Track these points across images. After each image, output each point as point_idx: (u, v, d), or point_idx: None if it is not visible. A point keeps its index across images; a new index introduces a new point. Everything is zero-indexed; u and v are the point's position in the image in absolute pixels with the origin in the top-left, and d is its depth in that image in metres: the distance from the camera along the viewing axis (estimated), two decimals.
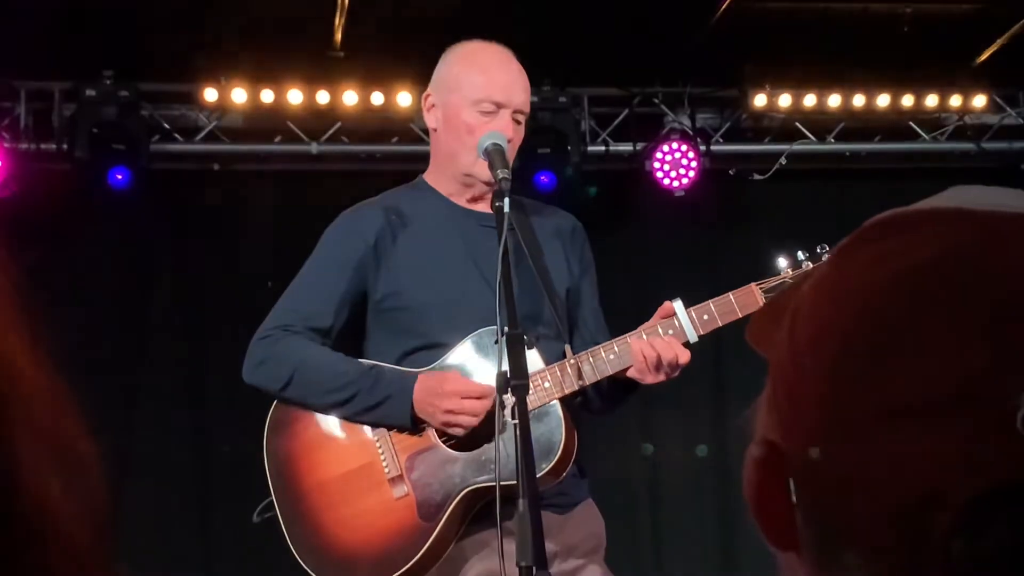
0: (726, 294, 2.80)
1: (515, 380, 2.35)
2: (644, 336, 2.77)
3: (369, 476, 2.84)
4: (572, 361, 2.77)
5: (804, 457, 0.70)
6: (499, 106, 2.91)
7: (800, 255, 2.86)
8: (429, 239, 2.95)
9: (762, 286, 2.82)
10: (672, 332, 2.75)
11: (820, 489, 0.69)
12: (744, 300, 2.79)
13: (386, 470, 2.84)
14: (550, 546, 2.80)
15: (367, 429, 2.87)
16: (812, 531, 0.71)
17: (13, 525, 0.62)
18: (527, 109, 3.01)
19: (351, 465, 2.86)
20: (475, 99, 2.90)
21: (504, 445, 2.52)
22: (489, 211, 2.69)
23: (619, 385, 2.84)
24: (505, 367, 2.39)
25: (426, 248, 2.94)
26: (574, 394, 2.81)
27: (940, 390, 0.65)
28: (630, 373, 2.76)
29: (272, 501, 2.87)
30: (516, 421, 2.32)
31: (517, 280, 2.58)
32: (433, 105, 2.99)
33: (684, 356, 2.72)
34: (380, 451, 2.85)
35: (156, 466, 5.88)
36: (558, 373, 2.76)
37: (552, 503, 2.84)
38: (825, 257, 2.83)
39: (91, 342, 5.90)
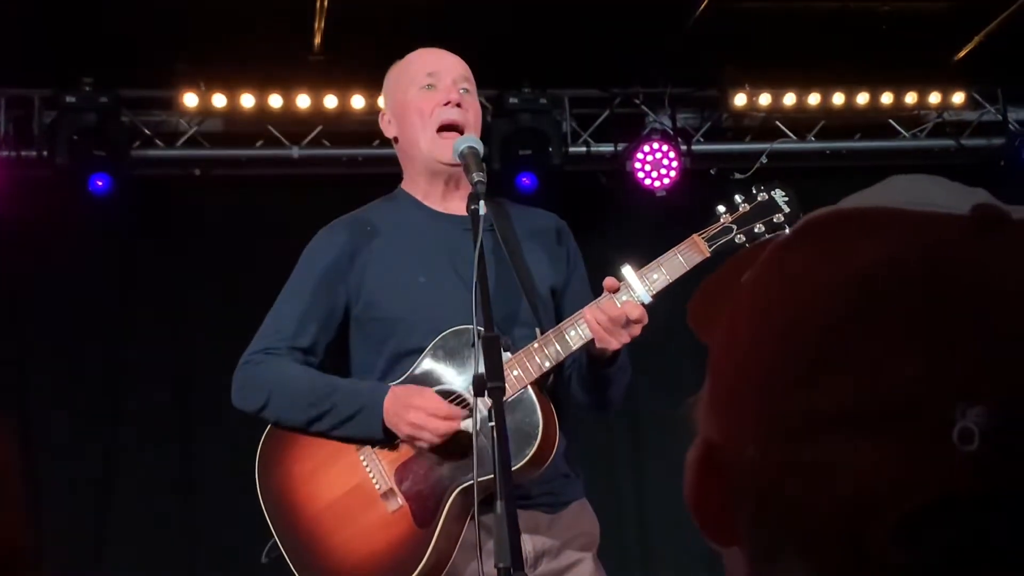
0: (671, 250, 2.80)
1: (492, 383, 2.35)
2: (596, 304, 2.76)
3: (362, 495, 2.86)
4: (536, 345, 2.77)
5: (742, 458, 0.69)
6: (435, 76, 2.99)
7: (738, 198, 2.87)
8: (405, 247, 2.97)
9: (704, 235, 2.82)
10: (627, 297, 2.75)
11: (759, 493, 0.69)
12: (689, 253, 2.79)
13: (377, 486, 2.85)
14: (538, 544, 2.82)
15: (353, 450, 2.88)
16: (751, 532, 0.71)
17: None
18: (471, 81, 3.05)
19: (343, 488, 2.88)
20: (413, 82, 3.00)
21: (485, 447, 2.52)
22: (465, 213, 2.70)
23: (598, 361, 2.84)
24: (481, 370, 2.39)
25: (402, 256, 2.96)
26: (545, 376, 2.80)
27: (873, 400, 0.64)
28: (596, 344, 2.75)
29: (276, 540, 2.90)
30: (492, 423, 2.32)
31: (495, 281, 2.57)
32: (388, 120, 3.08)
33: (633, 311, 2.70)
34: (368, 469, 2.86)
35: (140, 474, 5.86)
36: (525, 360, 2.76)
37: (541, 502, 2.85)
38: (761, 196, 2.86)
39: (72, 349, 5.89)
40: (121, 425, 5.92)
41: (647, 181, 6.21)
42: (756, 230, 2.84)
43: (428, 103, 2.95)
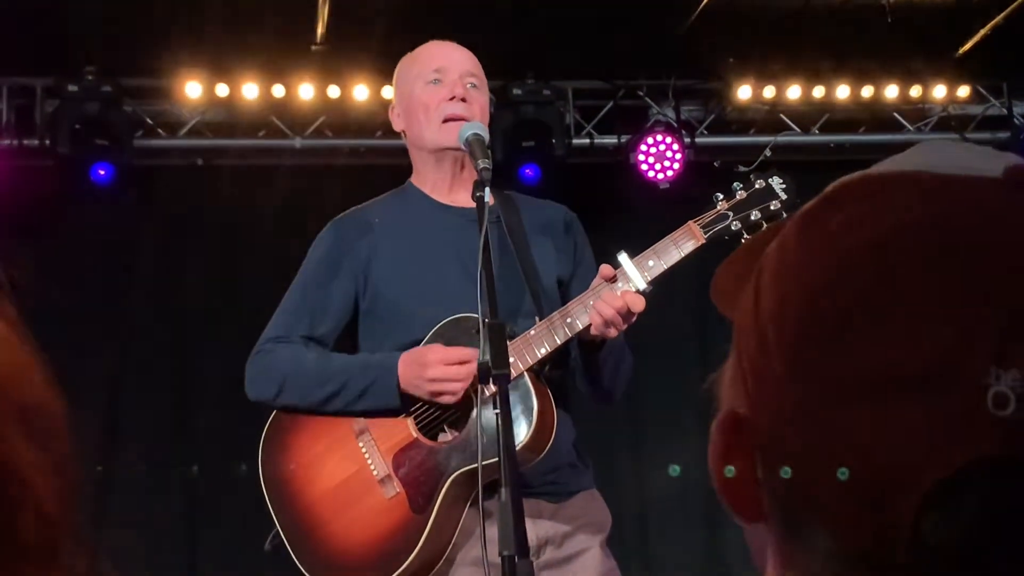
0: (666, 237, 2.80)
1: (496, 370, 2.35)
2: (595, 293, 2.76)
3: (360, 482, 2.88)
4: (533, 332, 2.78)
5: (769, 431, 0.68)
6: (441, 71, 3.00)
7: (735, 185, 2.86)
8: (412, 240, 2.99)
9: (699, 222, 2.81)
10: (623, 284, 2.75)
11: (785, 464, 0.67)
12: (684, 240, 2.79)
13: (374, 472, 2.87)
14: (540, 532, 2.81)
15: (353, 437, 2.90)
16: (778, 506, 0.69)
17: None
18: (479, 76, 3.05)
19: (342, 475, 2.90)
20: (420, 76, 3.01)
21: (485, 432, 2.51)
22: (472, 205, 2.70)
23: (590, 347, 2.83)
24: (487, 357, 2.39)
25: (409, 249, 2.98)
26: (542, 363, 2.80)
27: (906, 367, 0.63)
28: (592, 331, 2.76)
29: (278, 528, 2.92)
30: (498, 410, 2.31)
31: (499, 272, 2.58)
32: (397, 113, 3.10)
33: (635, 303, 2.71)
34: (366, 456, 2.88)
35: (140, 464, 5.86)
36: (522, 348, 2.76)
37: (544, 491, 2.85)
38: (758, 183, 2.83)
39: (73, 338, 5.88)
40: (120, 415, 5.91)
41: (650, 173, 6.20)
42: (752, 217, 2.83)
43: (434, 98, 2.97)
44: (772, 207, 2.85)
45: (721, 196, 2.86)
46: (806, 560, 0.68)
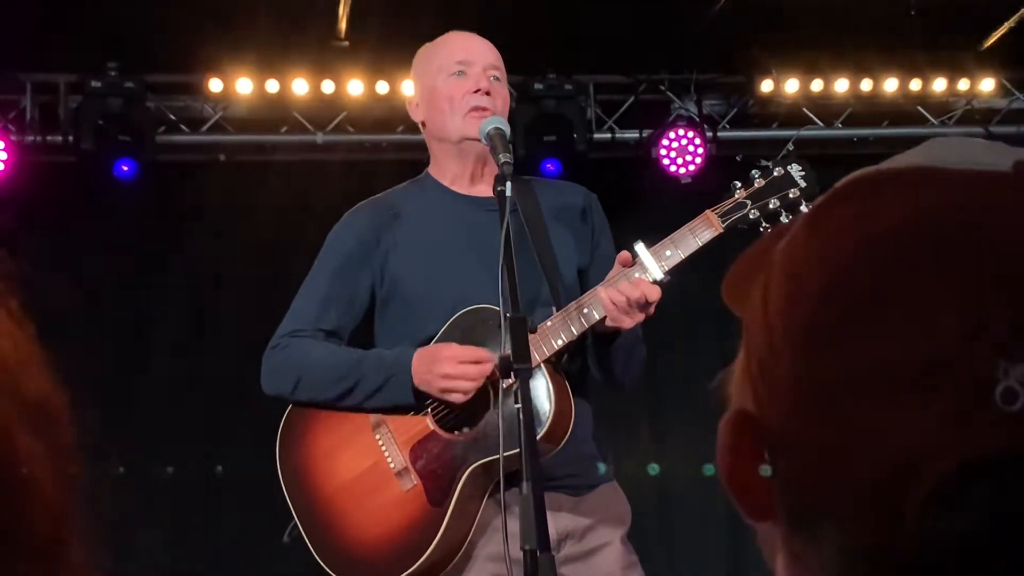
0: (684, 226, 2.77)
1: (518, 364, 2.34)
2: (612, 284, 2.75)
3: (377, 475, 2.87)
4: (550, 323, 2.77)
5: (777, 429, 0.68)
6: (465, 64, 2.98)
7: (754, 173, 2.84)
8: (430, 231, 2.98)
9: (717, 210, 2.79)
10: (639, 274, 2.73)
11: (793, 460, 0.68)
12: (702, 229, 2.76)
13: (392, 465, 2.86)
14: (560, 526, 2.80)
15: (369, 429, 2.90)
16: (786, 502, 0.69)
17: None
18: (501, 68, 3.04)
19: (360, 468, 2.90)
20: (443, 69, 2.99)
21: (504, 425, 2.51)
22: (491, 195, 2.69)
23: (604, 338, 2.82)
24: (508, 351, 2.38)
25: (426, 240, 2.96)
26: (558, 355, 2.79)
27: (912, 360, 0.62)
28: (608, 322, 2.74)
29: (296, 521, 2.92)
30: (519, 405, 2.31)
31: (517, 263, 2.57)
32: (416, 104, 3.08)
33: (652, 293, 2.69)
34: (383, 448, 2.88)
35: (163, 458, 5.89)
36: (538, 339, 2.74)
37: (565, 484, 2.84)
38: (776, 171, 2.82)
39: (93, 333, 5.91)
40: (143, 410, 5.93)
41: (672, 168, 6.18)
42: (771, 206, 2.81)
43: (458, 90, 2.95)
44: (791, 195, 2.82)
45: (739, 184, 2.83)
46: (815, 557, 0.68)
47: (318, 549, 2.88)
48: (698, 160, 6.16)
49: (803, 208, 2.83)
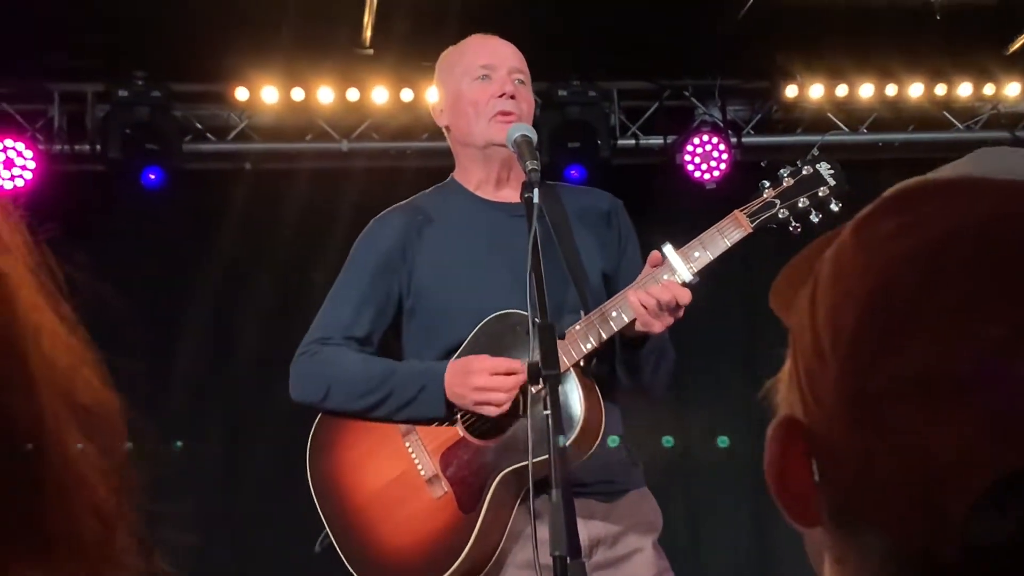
0: (712, 227, 2.75)
1: (547, 370, 2.34)
2: (641, 287, 2.72)
3: (407, 482, 2.86)
4: (579, 328, 2.75)
5: (825, 435, 0.68)
6: (490, 68, 2.97)
7: (781, 172, 2.82)
8: (456, 237, 2.97)
9: (746, 211, 2.77)
10: (667, 276, 2.71)
11: (841, 467, 0.68)
12: (731, 229, 2.74)
13: (422, 473, 2.85)
14: (593, 532, 2.79)
15: (399, 437, 2.89)
16: (833, 508, 0.70)
17: (42, 480, 0.62)
18: (525, 72, 3.03)
19: (390, 476, 2.88)
20: (468, 73, 2.99)
21: (534, 431, 2.50)
22: (517, 200, 2.69)
23: (633, 343, 2.81)
24: (536, 357, 2.38)
25: (453, 246, 2.96)
26: (587, 359, 2.78)
27: (959, 368, 0.63)
28: (637, 326, 2.73)
29: (327, 530, 2.91)
30: (548, 412, 2.31)
31: (544, 268, 2.56)
32: (441, 109, 3.07)
33: (683, 296, 2.67)
34: (413, 456, 2.87)
35: (187, 466, 5.91)
36: (566, 344, 2.73)
37: (596, 490, 2.83)
38: (805, 170, 2.79)
39: (122, 342, 5.93)
40: (167, 419, 5.95)
41: (697, 174, 6.18)
42: (800, 205, 2.78)
43: (483, 94, 2.95)
44: (820, 193, 2.80)
45: (767, 184, 2.81)
46: (862, 562, 0.68)
47: (350, 559, 2.87)
48: (723, 166, 6.15)
49: (833, 207, 2.81)
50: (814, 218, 2.80)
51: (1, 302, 0.63)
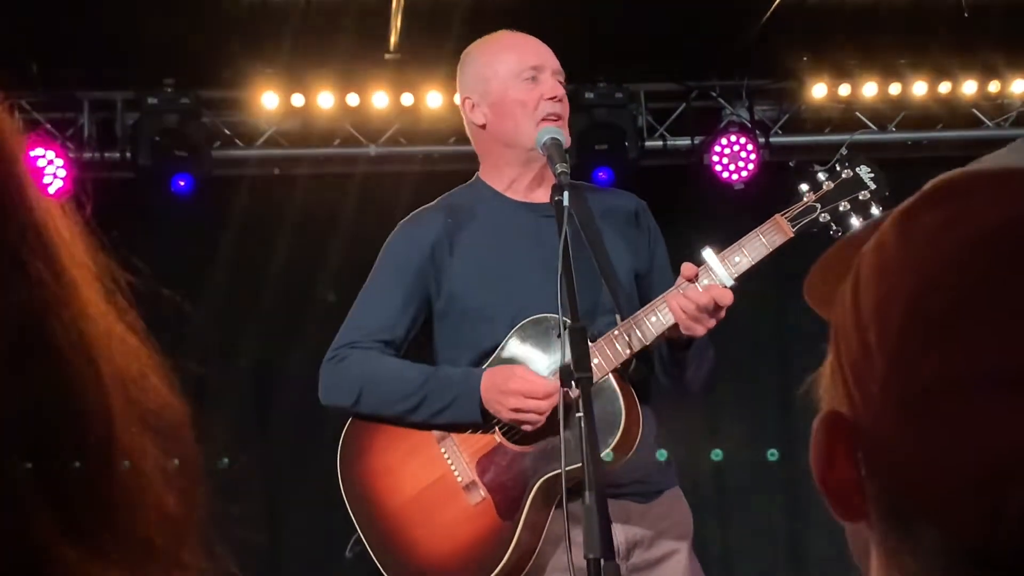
0: (753, 231, 2.73)
1: (579, 373, 2.34)
2: (680, 291, 2.71)
3: (444, 488, 2.84)
4: (616, 332, 2.74)
5: (872, 429, 0.68)
6: (538, 69, 2.94)
7: (821, 176, 2.80)
8: (486, 239, 2.95)
9: (786, 215, 2.75)
10: (708, 281, 2.69)
11: (891, 461, 0.68)
12: (772, 234, 2.73)
13: (459, 479, 2.83)
14: (630, 535, 2.78)
15: (435, 442, 2.87)
16: (882, 502, 0.69)
17: (111, 489, 0.63)
18: (563, 74, 3.00)
19: (425, 482, 2.86)
20: (515, 73, 2.94)
21: (570, 437, 2.49)
22: (546, 201, 2.68)
23: (677, 345, 2.79)
24: (568, 360, 2.38)
25: (483, 248, 2.94)
26: (626, 364, 2.77)
27: (1011, 362, 0.63)
28: (681, 330, 2.71)
29: (359, 535, 2.89)
30: (580, 414, 2.30)
31: (576, 271, 2.56)
32: (474, 104, 2.99)
33: (723, 297, 2.65)
34: (449, 461, 2.85)
35: (218, 476, 5.92)
36: (605, 348, 2.72)
37: (632, 491, 2.82)
38: (845, 173, 2.76)
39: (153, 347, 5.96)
40: (196, 427, 5.97)
41: (725, 175, 6.16)
42: (841, 208, 2.77)
43: (531, 95, 2.90)
44: (861, 197, 2.79)
45: (807, 188, 2.80)
46: (913, 557, 0.68)
47: (384, 564, 2.84)
48: (751, 166, 6.13)
49: (874, 210, 2.80)
50: (855, 221, 2.79)
51: (73, 311, 0.63)
